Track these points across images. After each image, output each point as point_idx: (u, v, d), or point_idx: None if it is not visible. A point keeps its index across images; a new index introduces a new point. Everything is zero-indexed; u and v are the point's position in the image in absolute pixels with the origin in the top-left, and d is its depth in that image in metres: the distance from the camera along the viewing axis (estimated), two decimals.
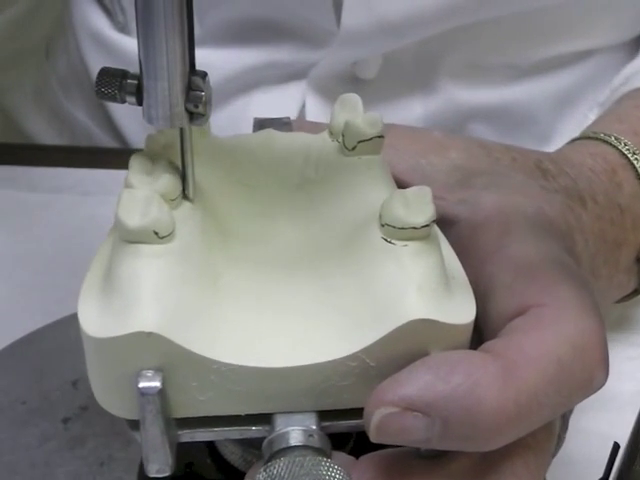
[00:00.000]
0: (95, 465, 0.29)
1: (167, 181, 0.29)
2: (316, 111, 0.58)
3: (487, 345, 0.28)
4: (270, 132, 0.36)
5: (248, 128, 0.60)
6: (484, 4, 0.53)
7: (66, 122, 0.67)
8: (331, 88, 0.58)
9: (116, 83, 0.28)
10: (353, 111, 0.35)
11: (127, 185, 0.29)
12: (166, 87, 0.28)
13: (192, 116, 0.29)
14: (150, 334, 0.26)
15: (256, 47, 0.58)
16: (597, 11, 0.57)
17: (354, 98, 0.35)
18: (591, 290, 0.30)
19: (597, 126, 0.44)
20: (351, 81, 0.58)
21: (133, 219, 0.28)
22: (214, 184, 0.33)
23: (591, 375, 0.28)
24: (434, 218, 0.28)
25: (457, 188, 0.35)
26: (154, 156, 0.30)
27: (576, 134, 0.61)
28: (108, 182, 0.54)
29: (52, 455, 0.35)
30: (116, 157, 0.57)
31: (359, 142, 0.34)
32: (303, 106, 0.59)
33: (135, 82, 0.28)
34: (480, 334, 0.30)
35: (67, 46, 0.66)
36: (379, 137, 0.34)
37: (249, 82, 0.59)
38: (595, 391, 0.29)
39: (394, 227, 0.28)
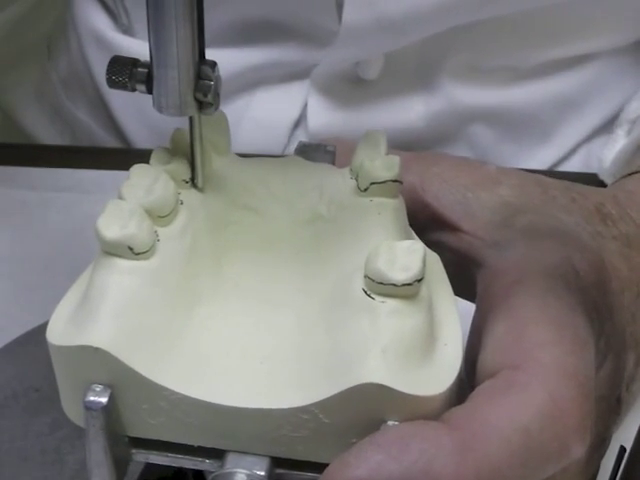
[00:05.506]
0: None
1: (159, 197, 0.29)
2: (318, 111, 0.58)
3: (449, 413, 0.27)
4: (293, 159, 0.35)
5: (250, 127, 0.60)
6: (484, 2, 0.53)
7: (67, 121, 0.67)
8: (334, 88, 0.58)
9: (126, 71, 0.29)
10: (374, 150, 0.33)
11: (118, 195, 0.29)
12: (176, 76, 0.28)
13: (201, 105, 0.29)
14: (98, 350, 0.26)
15: (258, 47, 0.57)
16: (599, 13, 0.56)
17: (378, 135, 0.33)
18: (587, 354, 0.28)
19: None
20: (354, 81, 0.57)
21: (110, 231, 0.27)
22: (219, 206, 0.32)
23: (564, 445, 0.26)
24: (419, 277, 0.27)
25: (497, 227, 0.34)
26: (154, 169, 0.30)
27: (579, 136, 0.61)
28: (108, 182, 0.54)
29: (63, 442, 0.36)
30: (116, 157, 0.57)
31: (372, 184, 0.32)
32: (305, 106, 0.58)
33: (145, 70, 0.28)
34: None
35: (69, 46, 0.66)
36: (394, 181, 0.32)
37: (251, 81, 0.59)
38: (572, 460, 0.27)
39: (373, 280, 0.27)
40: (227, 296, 0.30)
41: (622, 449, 0.31)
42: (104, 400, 0.26)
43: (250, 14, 0.57)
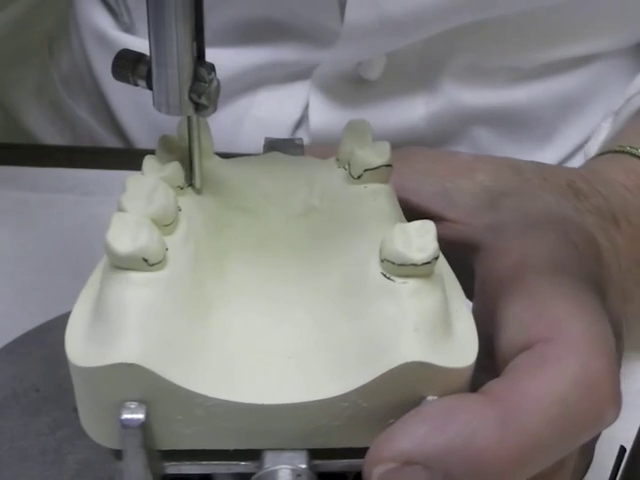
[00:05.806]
0: (105, 454, 0.30)
1: (161, 206, 0.28)
2: (320, 111, 0.58)
3: (487, 386, 0.27)
4: (276, 155, 0.35)
5: (252, 127, 0.60)
6: (486, 3, 0.53)
7: (68, 120, 0.67)
8: (335, 88, 0.58)
9: (129, 66, 0.29)
10: (361, 138, 0.33)
11: (119, 208, 0.28)
12: (175, 75, 0.28)
13: (197, 106, 0.29)
14: (132, 365, 0.25)
15: (261, 46, 0.57)
16: (601, 14, 0.57)
17: (362, 124, 0.34)
18: (606, 324, 0.29)
19: (621, 139, 0.43)
20: (355, 81, 0.57)
21: (122, 245, 0.27)
22: (213, 210, 0.32)
23: (600, 413, 0.27)
24: (436, 255, 0.27)
25: (484, 211, 0.34)
26: (150, 179, 0.30)
27: (581, 137, 0.61)
28: (109, 182, 0.54)
29: (63, 442, 0.36)
30: (117, 157, 0.57)
31: (365, 171, 0.32)
32: (307, 106, 0.59)
33: (147, 67, 0.28)
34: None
35: (70, 44, 0.66)
36: (386, 166, 0.32)
37: (253, 81, 0.59)
38: (607, 426, 0.28)
39: (393, 263, 0.27)
40: (237, 298, 0.30)
41: (622, 449, 0.31)
42: (141, 416, 0.26)
43: (252, 14, 0.57)
